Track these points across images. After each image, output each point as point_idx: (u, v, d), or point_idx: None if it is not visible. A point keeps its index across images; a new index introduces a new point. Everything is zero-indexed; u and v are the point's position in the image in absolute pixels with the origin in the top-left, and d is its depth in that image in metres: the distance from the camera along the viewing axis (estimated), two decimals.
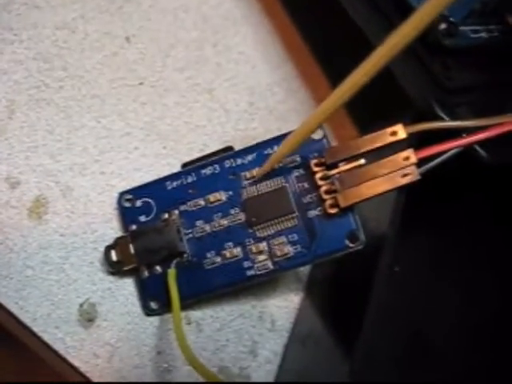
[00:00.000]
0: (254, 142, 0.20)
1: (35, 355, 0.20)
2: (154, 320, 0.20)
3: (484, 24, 0.21)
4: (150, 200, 0.20)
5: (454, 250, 0.21)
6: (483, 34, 0.21)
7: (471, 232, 0.21)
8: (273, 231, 0.19)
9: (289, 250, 0.19)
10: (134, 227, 0.20)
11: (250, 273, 0.19)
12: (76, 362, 0.19)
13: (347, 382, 0.19)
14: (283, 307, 0.22)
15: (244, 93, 0.24)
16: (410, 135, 0.18)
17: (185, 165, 0.20)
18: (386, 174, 0.18)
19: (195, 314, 0.21)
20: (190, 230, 0.19)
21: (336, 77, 0.25)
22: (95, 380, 0.19)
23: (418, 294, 0.21)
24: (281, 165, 0.19)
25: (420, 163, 0.18)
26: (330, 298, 0.22)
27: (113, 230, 0.20)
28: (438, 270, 0.21)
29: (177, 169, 0.21)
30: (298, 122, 0.24)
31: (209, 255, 0.19)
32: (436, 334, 0.21)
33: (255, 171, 0.19)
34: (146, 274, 0.20)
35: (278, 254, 0.19)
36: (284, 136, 0.19)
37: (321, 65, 0.25)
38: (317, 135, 0.19)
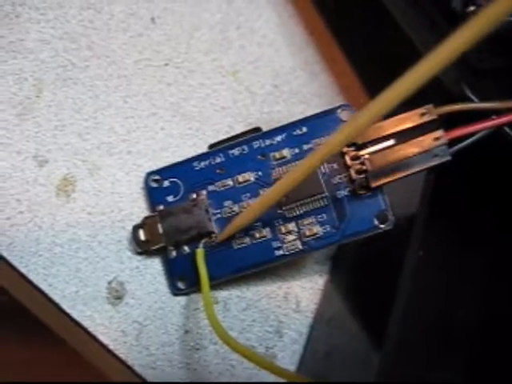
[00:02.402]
0: (279, 125, 0.20)
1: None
2: (182, 299, 0.20)
3: None
4: (177, 180, 0.20)
5: (481, 236, 0.21)
6: None
7: (500, 218, 0.21)
8: (302, 211, 0.19)
9: (318, 230, 0.19)
10: (161, 207, 0.20)
11: (278, 253, 0.19)
12: (105, 340, 0.19)
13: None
14: (308, 288, 0.22)
15: (268, 75, 0.24)
16: (441, 116, 0.18)
17: (212, 146, 0.20)
18: (416, 155, 0.18)
19: (222, 294, 0.21)
20: (218, 211, 0.19)
21: (358, 62, 0.25)
22: (123, 357, 0.19)
23: (442, 280, 0.21)
24: (310, 146, 0.19)
25: (450, 144, 0.18)
26: (354, 281, 0.22)
27: (140, 209, 0.21)
28: (465, 258, 0.21)
29: (202, 150, 0.21)
30: (321, 105, 0.24)
31: (237, 235, 0.19)
32: (462, 321, 0.21)
33: (284, 151, 0.19)
34: (174, 253, 0.20)
35: (307, 234, 0.19)
36: (313, 116, 0.19)
37: (343, 49, 0.25)
38: (345, 116, 0.19)
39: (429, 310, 0.20)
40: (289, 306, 0.21)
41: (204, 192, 0.20)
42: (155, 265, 0.20)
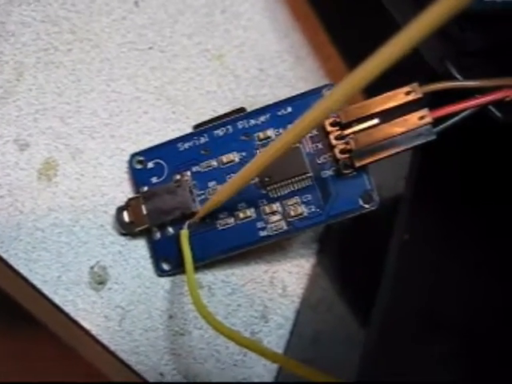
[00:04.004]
0: None
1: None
2: (165, 284, 0.20)
3: None
4: (161, 161, 0.20)
5: (469, 219, 0.21)
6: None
7: (487, 198, 0.21)
8: (286, 191, 0.19)
9: (303, 210, 0.18)
10: (145, 188, 0.20)
11: (263, 233, 0.19)
12: (87, 325, 0.19)
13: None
14: (294, 273, 0.22)
15: (253, 59, 0.24)
16: (425, 95, 0.18)
17: (197, 126, 0.20)
18: (400, 134, 0.18)
19: (207, 279, 0.20)
20: (202, 191, 0.19)
21: (344, 46, 0.25)
22: (105, 342, 0.19)
23: (427, 263, 0.21)
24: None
25: (435, 123, 0.18)
26: (340, 265, 0.22)
27: (123, 193, 0.20)
28: (451, 239, 0.21)
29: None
30: (307, 89, 0.24)
31: (222, 216, 0.19)
32: (447, 308, 0.21)
33: (269, 132, 0.19)
34: (158, 235, 0.19)
35: (292, 214, 0.18)
36: (298, 96, 0.19)
37: (329, 33, 0.25)
38: None
39: (414, 294, 0.20)
40: (275, 290, 0.21)
41: (188, 173, 0.19)
42: (138, 249, 0.20)
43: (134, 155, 0.20)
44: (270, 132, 0.19)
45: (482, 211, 0.20)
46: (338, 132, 0.18)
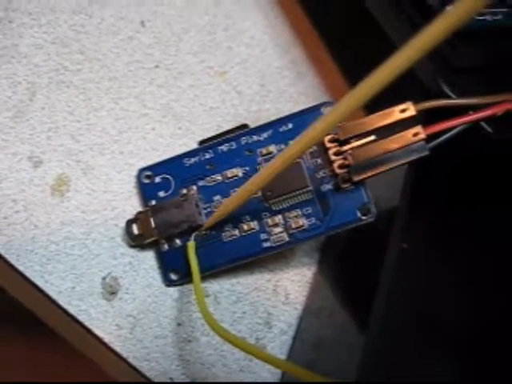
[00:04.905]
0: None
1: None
2: (174, 293, 0.21)
3: (488, 7, 0.22)
4: (168, 176, 0.21)
5: (462, 229, 0.22)
6: (488, 17, 0.22)
7: (478, 211, 0.21)
8: (288, 205, 0.19)
9: (303, 222, 0.19)
10: (153, 202, 0.20)
11: (266, 245, 0.20)
12: (100, 333, 0.20)
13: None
14: (296, 281, 0.22)
15: (255, 76, 0.25)
16: (419, 112, 0.19)
17: (202, 142, 0.21)
18: (396, 150, 0.19)
19: (213, 288, 0.21)
20: (208, 205, 0.20)
21: (343, 61, 0.26)
22: (118, 350, 0.20)
23: (425, 272, 0.22)
24: None
25: (429, 139, 0.19)
26: (341, 273, 0.23)
27: (132, 207, 0.21)
28: (446, 249, 0.22)
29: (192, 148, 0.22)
30: (308, 104, 0.24)
31: (227, 228, 0.20)
32: (444, 314, 0.22)
33: (271, 147, 0.20)
34: (166, 247, 0.20)
35: (293, 226, 0.19)
36: (299, 113, 0.20)
37: (329, 49, 0.26)
38: None
39: (411, 300, 0.21)
40: (278, 298, 0.22)
41: (194, 187, 0.20)
42: (148, 260, 0.21)
43: (141, 170, 0.21)
44: (272, 148, 0.20)
45: (473, 220, 0.21)
46: (337, 148, 0.19)
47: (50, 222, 0.20)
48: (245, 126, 0.21)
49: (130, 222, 0.20)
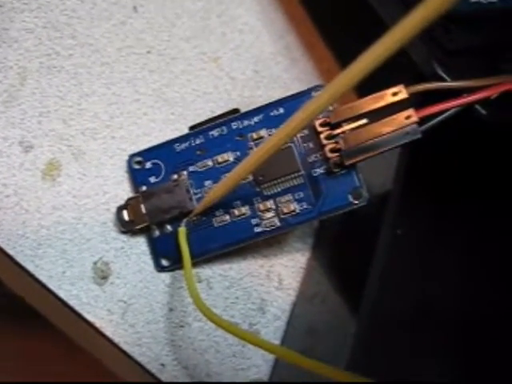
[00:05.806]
0: None
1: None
2: (166, 278, 0.21)
3: None
4: (159, 162, 0.20)
5: (456, 214, 0.22)
6: (483, 0, 0.22)
7: (472, 195, 0.21)
8: (279, 189, 0.19)
9: (295, 207, 0.19)
10: (144, 188, 0.20)
11: (257, 230, 0.19)
12: (91, 318, 0.20)
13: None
14: (290, 267, 0.22)
15: (249, 62, 0.24)
16: (412, 95, 0.19)
17: (192, 127, 0.21)
18: (388, 133, 0.18)
19: (205, 273, 0.21)
20: (199, 190, 0.20)
21: (338, 47, 0.26)
22: (109, 335, 0.20)
23: (419, 258, 0.22)
24: None
25: (422, 122, 0.19)
26: (335, 259, 0.23)
27: (124, 191, 0.21)
28: (440, 234, 0.22)
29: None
30: (301, 89, 0.24)
31: (218, 213, 0.20)
32: (438, 302, 0.22)
33: (262, 132, 0.20)
34: (157, 232, 0.20)
35: (285, 211, 0.19)
36: (290, 97, 0.20)
37: (323, 35, 0.26)
38: None
39: (404, 285, 0.21)
40: (271, 283, 0.22)
41: (185, 172, 0.20)
42: (140, 245, 0.21)
43: (132, 156, 0.21)
44: (263, 132, 0.20)
45: (468, 204, 0.21)
46: (328, 132, 0.19)
47: (41, 207, 0.20)
48: (236, 110, 0.20)
49: (120, 209, 0.20)
